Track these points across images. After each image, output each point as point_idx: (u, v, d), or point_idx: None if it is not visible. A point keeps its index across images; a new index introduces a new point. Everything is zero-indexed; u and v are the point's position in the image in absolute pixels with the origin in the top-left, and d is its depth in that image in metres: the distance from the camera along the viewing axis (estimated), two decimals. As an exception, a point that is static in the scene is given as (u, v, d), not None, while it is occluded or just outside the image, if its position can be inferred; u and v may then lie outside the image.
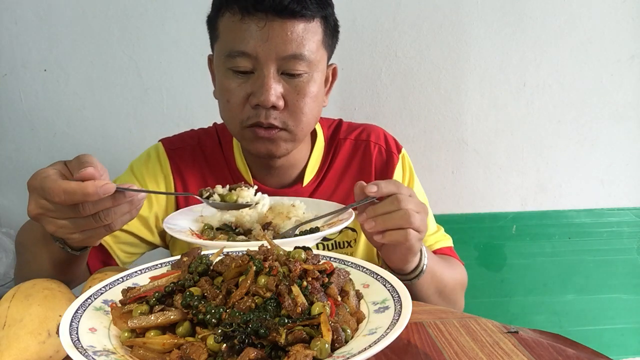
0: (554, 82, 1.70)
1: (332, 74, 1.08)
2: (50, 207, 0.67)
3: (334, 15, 1.01)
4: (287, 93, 0.94)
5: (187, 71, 1.61)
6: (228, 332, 0.46)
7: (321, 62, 0.98)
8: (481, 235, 1.77)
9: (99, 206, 0.66)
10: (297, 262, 0.56)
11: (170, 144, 1.13)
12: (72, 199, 0.63)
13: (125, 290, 0.57)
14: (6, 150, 1.63)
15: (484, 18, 1.65)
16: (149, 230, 1.06)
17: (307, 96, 0.96)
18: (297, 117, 0.96)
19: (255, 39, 0.91)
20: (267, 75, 0.92)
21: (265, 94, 0.91)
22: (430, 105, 1.70)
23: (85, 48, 1.58)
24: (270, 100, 0.92)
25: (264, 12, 0.90)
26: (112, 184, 0.65)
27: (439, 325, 0.71)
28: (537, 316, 1.82)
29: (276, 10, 0.90)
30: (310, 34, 0.93)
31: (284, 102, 0.94)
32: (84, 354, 0.45)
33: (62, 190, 0.63)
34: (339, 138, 1.15)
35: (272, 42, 0.90)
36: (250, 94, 0.94)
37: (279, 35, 0.91)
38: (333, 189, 1.11)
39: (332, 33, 1.01)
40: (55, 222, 0.68)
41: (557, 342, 0.67)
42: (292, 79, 0.94)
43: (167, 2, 1.57)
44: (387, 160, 1.13)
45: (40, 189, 0.65)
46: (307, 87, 0.96)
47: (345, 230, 1.09)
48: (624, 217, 1.79)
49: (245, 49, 0.91)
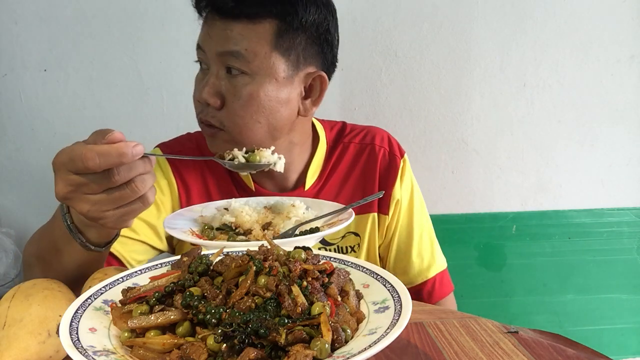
0: (554, 82, 1.70)
1: (321, 82, 1.01)
2: (81, 181, 0.63)
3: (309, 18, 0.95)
4: (226, 92, 0.95)
5: (187, 71, 1.60)
6: (228, 332, 0.46)
7: (274, 67, 0.94)
8: (481, 235, 1.77)
9: (133, 171, 0.64)
10: (297, 262, 0.55)
11: (169, 148, 1.12)
12: (108, 161, 0.61)
13: (125, 290, 0.57)
14: (6, 150, 1.63)
15: (484, 18, 1.65)
16: (158, 238, 1.05)
17: (243, 98, 0.94)
18: (232, 119, 0.96)
19: (204, 34, 0.97)
20: (210, 72, 0.96)
21: (200, 89, 0.96)
22: (430, 105, 1.70)
23: (85, 48, 1.58)
24: (202, 97, 0.95)
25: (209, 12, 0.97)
26: (141, 144, 0.63)
27: (439, 325, 0.71)
28: (537, 316, 1.82)
29: (217, 10, 0.94)
30: (252, 33, 0.93)
31: (220, 101, 0.95)
32: (84, 354, 0.45)
33: (96, 152, 0.60)
34: (343, 141, 1.14)
35: (213, 38, 0.95)
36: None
37: (219, 33, 0.94)
38: (336, 193, 1.10)
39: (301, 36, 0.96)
40: (89, 199, 0.64)
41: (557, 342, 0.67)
42: (231, 78, 0.95)
43: (167, 2, 1.57)
44: (390, 163, 1.12)
45: (69, 161, 0.62)
46: (245, 89, 0.94)
47: (348, 235, 1.09)
48: (624, 217, 1.79)
49: (200, 42, 0.98)
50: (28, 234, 1.65)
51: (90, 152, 0.60)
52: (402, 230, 1.13)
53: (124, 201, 0.66)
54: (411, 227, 1.13)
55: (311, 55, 0.99)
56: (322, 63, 1.02)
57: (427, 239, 1.15)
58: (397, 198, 1.11)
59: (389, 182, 1.11)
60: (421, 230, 1.14)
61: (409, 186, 1.14)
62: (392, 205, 1.11)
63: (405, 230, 1.13)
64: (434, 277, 1.13)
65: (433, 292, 1.13)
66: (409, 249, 1.13)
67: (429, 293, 1.13)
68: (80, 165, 0.61)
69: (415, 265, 1.12)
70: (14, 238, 1.57)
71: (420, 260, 1.13)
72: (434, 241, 1.17)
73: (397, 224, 1.12)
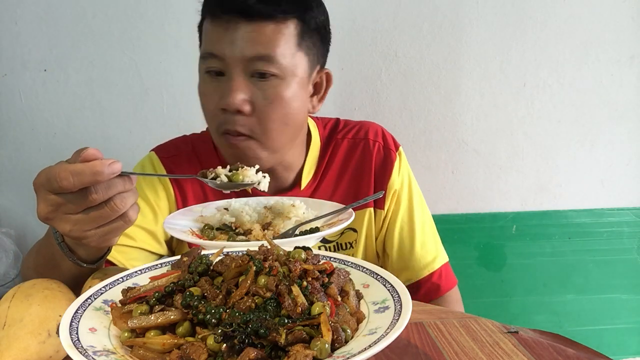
0: (554, 82, 1.70)
1: (326, 79, 1.04)
2: (60, 201, 0.62)
3: (320, 16, 0.98)
4: (255, 98, 0.92)
5: (187, 71, 1.61)
6: (228, 332, 0.46)
7: (298, 67, 0.95)
8: (481, 235, 1.77)
9: (111, 190, 0.63)
10: (297, 262, 0.55)
11: (164, 151, 1.10)
12: (82, 180, 0.60)
13: (125, 290, 0.57)
14: (6, 150, 1.63)
15: (484, 18, 1.65)
16: (157, 242, 1.04)
17: (276, 102, 0.93)
18: (264, 125, 0.94)
19: (222, 41, 0.91)
20: (234, 78, 0.91)
21: (229, 97, 0.90)
22: (430, 105, 1.70)
23: (85, 48, 1.58)
24: (234, 104, 0.90)
25: (230, 15, 0.90)
26: (118, 162, 0.62)
27: (439, 325, 0.71)
28: (537, 316, 1.82)
29: (242, 12, 0.90)
30: (280, 35, 0.91)
31: (251, 108, 0.92)
32: (84, 354, 0.45)
33: (70, 172, 0.60)
34: (337, 138, 1.13)
35: (238, 43, 0.90)
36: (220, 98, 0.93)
37: (244, 37, 0.90)
38: (332, 191, 1.10)
39: (315, 36, 0.98)
40: (69, 219, 0.64)
41: (557, 342, 0.67)
42: (261, 83, 0.92)
43: (167, 2, 1.58)
44: (385, 158, 1.11)
45: (46, 181, 0.62)
46: (277, 92, 0.93)
47: (347, 232, 1.09)
48: (624, 217, 1.79)
49: (214, 50, 0.92)
50: (28, 234, 1.66)
51: (64, 171, 0.60)
52: (404, 224, 1.11)
53: (104, 220, 0.64)
54: (412, 220, 1.12)
55: (321, 54, 1.01)
56: (324, 61, 1.04)
57: (430, 231, 1.14)
58: (395, 189, 1.10)
59: (385, 176, 1.09)
60: (423, 222, 1.13)
61: (406, 179, 1.12)
62: (388, 198, 1.10)
63: (407, 223, 1.12)
64: (439, 268, 1.12)
65: (440, 283, 1.11)
66: (412, 241, 1.11)
67: (436, 285, 1.11)
68: (55, 185, 0.61)
69: (420, 258, 1.11)
70: (14, 238, 1.57)
71: (424, 251, 1.11)
72: (435, 233, 1.16)
73: (397, 217, 1.11)
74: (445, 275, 1.12)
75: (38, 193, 0.64)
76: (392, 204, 1.11)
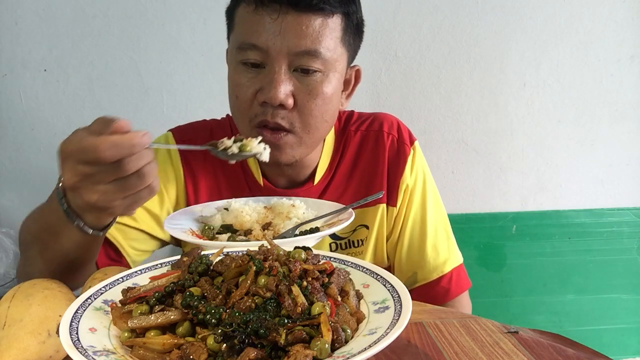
0: (554, 82, 1.70)
1: (355, 76, 1.03)
2: (91, 172, 0.62)
3: (359, 13, 0.97)
4: (298, 92, 0.90)
5: (187, 71, 1.61)
6: (228, 332, 0.47)
7: (339, 62, 0.93)
8: (481, 235, 1.77)
9: (142, 160, 0.63)
10: (297, 262, 0.56)
11: (182, 134, 1.07)
12: (120, 152, 0.60)
13: (125, 290, 0.57)
14: (6, 150, 1.63)
15: (484, 18, 1.65)
16: (159, 227, 1.01)
17: (319, 97, 0.91)
18: (305, 119, 0.92)
19: (267, 31, 0.86)
20: (278, 71, 0.88)
21: (273, 90, 0.87)
22: (430, 105, 1.70)
23: (85, 48, 1.58)
24: (278, 98, 0.87)
25: (278, 4, 0.86)
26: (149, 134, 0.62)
27: (439, 325, 0.71)
28: (537, 316, 1.82)
29: (292, 2, 0.86)
30: (328, 30, 0.89)
31: (293, 101, 0.90)
32: (84, 354, 0.45)
33: (110, 143, 0.59)
34: (350, 130, 1.09)
35: (285, 36, 0.86)
36: (259, 90, 0.89)
37: (292, 29, 0.86)
38: (345, 185, 1.06)
39: (354, 32, 0.96)
40: (97, 189, 0.63)
41: (557, 342, 0.67)
42: (304, 77, 0.90)
43: (167, 2, 1.57)
44: (398, 152, 1.06)
45: (79, 151, 0.61)
46: (320, 87, 0.91)
47: (359, 228, 1.06)
48: (624, 217, 1.79)
49: (256, 41, 0.87)
50: (28, 234, 1.65)
51: (104, 142, 0.59)
52: (415, 224, 1.06)
53: (132, 190, 0.65)
54: (425, 219, 1.06)
55: (355, 50, 1.00)
56: (355, 55, 1.02)
57: (443, 232, 1.09)
58: (407, 185, 1.05)
59: (398, 171, 1.05)
60: (436, 223, 1.08)
61: (420, 175, 1.08)
62: (400, 195, 1.05)
63: (419, 223, 1.06)
64: (450, 271, 1.06)
65: (450, 288, 1.06)
66: (422, 242, 1.06)
67: (445, 289, 1.06)
68: (92, 156, 0.60)
69: (430, 259, 1.05)
70: (14, 238, 1.56)
71: (435, 253, 1.06)
72: (450, 234, 1.10)
73: (409, 215, 1.06)
74: (456, 279, 1.07)
75: (65, 162, 0.64)
76: (405, 201, 1.06)
